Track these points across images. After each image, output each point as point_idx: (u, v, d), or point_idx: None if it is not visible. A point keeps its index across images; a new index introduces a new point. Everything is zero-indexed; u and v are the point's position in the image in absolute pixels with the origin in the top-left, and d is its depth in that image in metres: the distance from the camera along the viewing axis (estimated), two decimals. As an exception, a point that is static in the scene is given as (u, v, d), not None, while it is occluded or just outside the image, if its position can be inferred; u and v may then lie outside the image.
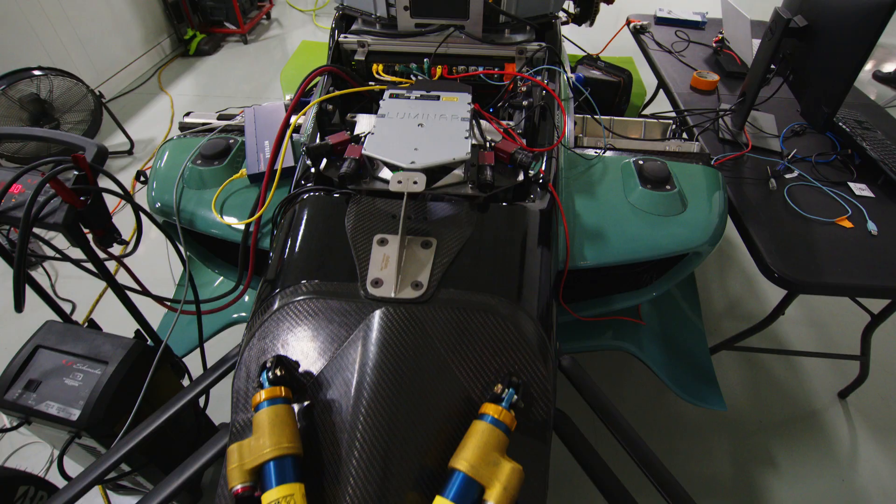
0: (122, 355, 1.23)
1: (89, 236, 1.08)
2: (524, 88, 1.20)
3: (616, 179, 1.22)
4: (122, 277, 2.21)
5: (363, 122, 1.17)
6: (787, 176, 1.54)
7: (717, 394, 1.45)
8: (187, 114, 1.49)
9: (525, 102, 1.16)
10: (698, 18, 2.56)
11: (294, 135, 1.25)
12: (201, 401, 1.49)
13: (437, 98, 1.08)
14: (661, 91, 2.25)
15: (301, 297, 0.80)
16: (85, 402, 1.17)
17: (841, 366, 1.99)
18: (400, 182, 0.84)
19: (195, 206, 1.19)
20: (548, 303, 0.89)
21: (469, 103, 1.07)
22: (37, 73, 2.67)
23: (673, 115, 1.89)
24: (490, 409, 0.69)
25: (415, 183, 0.84)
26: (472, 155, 0.99)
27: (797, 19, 1.48)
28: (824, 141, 1.70)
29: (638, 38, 2.48)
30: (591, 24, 2.69)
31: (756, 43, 2.25)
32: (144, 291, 1.24)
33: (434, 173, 0.95)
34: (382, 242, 0.85)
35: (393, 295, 0.77)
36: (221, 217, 1.14)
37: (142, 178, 1.31)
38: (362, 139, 1.03)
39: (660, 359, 1.50)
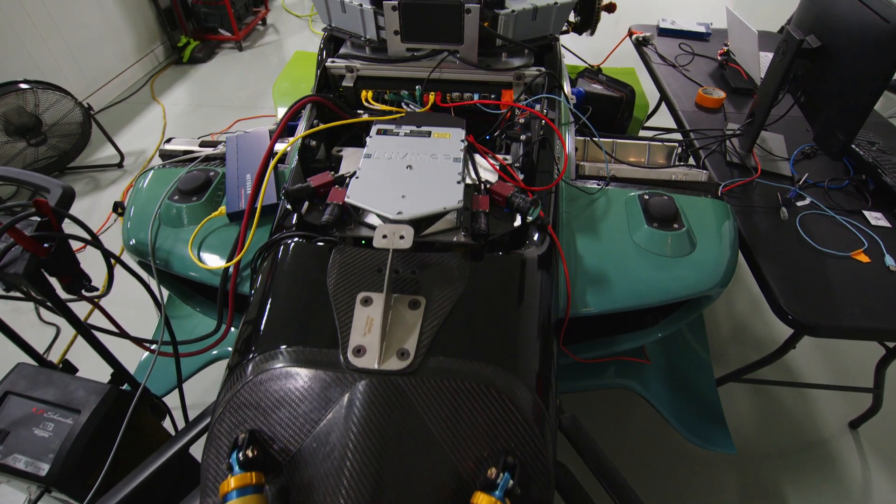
0: (95, 403, 1.15)
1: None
2: (522, 120, 1.13)
3: (620, 216, 1.15)
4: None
5: (350, 158, 1.09)
6: (799, 204, 1.47)
7: (725, 435, 1.38)
8: (168, 140, 1.41)
9: (523, 137, 1.08)
10: (702, 29, 2.49)
11: (280, 165, 1.18)
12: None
13: (429, 134, 1.01)
14: (663, 102, 2.17)
15: (277, 366, 0.73)
16: (55, 455, 1.10)
17: (852, 395, 1.91)
18: (385, 237, 0.77)
19: (172, 245, 1.12)
20: (547, 363, 0.82)
21: (462, 140, 1.00)
22: (23, 86, 2.59)
23: (678, 137, 1.81)
24: (483, 500, 0.62)
25: (401, 238, 0.77)
26: (465, 198, 0.92)
27: (810, 40, 1.41)
28: (836, 164, 1.63)
29: (640, 50, 2.40)
30: (592, 33, 2.62)
31: (763, 56, 2.18)
32: (120, 333, 1.17)
33: (424, 220, 0.88)
34: (366, 302, 0.78)
35: (376, 366, 0.70)
36: (199, 260, 1.07)
37: (119, 210, 1.24)
38: (347, 180, 0.96)
39: (665, 396, 1.43)
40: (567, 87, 1.59)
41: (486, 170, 1.06)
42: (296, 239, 0.91)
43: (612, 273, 1.05)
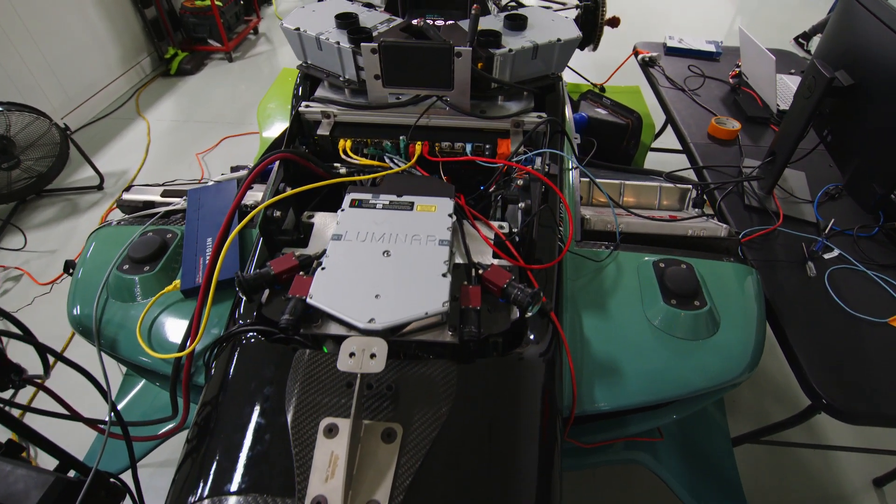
0: (37, 498, 1.02)
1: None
2: (521, 181, 0.99)
3: (632, 287, 1.01)
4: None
5: (322, 226, 0.94)
6: (827, 256, 1.33)
7: (744, 512, 1.25)
8: (128, 188, 1.27)
9: (522, 205, 0.94)
10: (712, 48, 2.34)
11: (250, 224, 1.04)
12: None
13: (411, 207, 0.87)
14: (673, 133, 2.03)
15: (218, 520, 0.60)
16: (-13, 564, 0.96)
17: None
18: (352, 356, 0.63)
19: (120, 323, 0.98)
20: (553, 493, 0.69)
21: (450, 215, 0.86)
22: (-7, 107, 2.45)
23: (689, 169, 1.68)
24: None
25: (372, 357, 0.63)
26: (453, 285, 0.78)
27: (841, 77, 1.27)
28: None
29: (647, 71, 2.26)
30: (595, 49, 2.48)
31: (780, 80, 2.04)
32: (69, 415, 1.04)
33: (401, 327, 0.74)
34: (331, 432, 0.64)
35: (338, 528, 0.57)
36: (148, 345, 0.93)
37: (70, 270, 1.10)
38: (314, 264, 0.82)
39: (678, 469, 1.29)
40: (568, 111, 1.45)
41: (479, 242, 0.92)
42: (252, 337, 0.77)
43: (624, 361, 0.91)
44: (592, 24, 2.38)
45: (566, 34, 1.14)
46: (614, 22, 2.49)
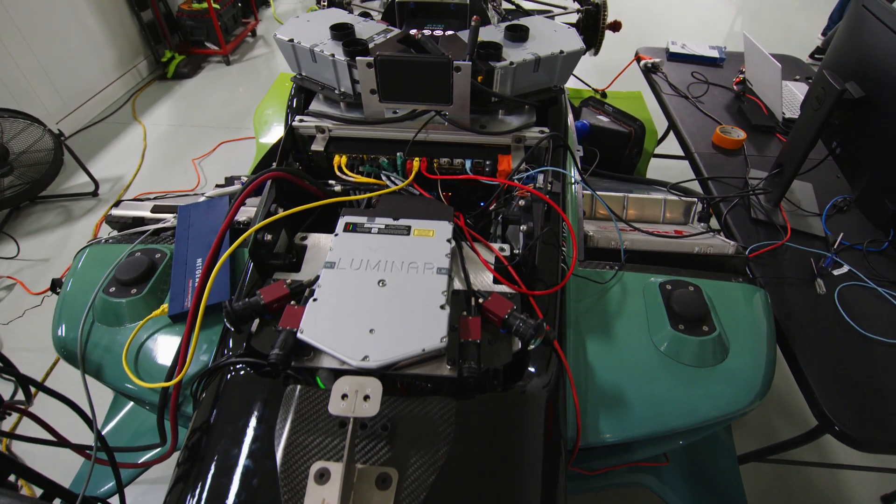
0: (20, 529, 0.98)
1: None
2: (522, 203, 0.96)
3: (638, 309, 0.97)
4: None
5: (315, 251, 0.90)
6: (836, 273, 1.29)
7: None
8: (117, 203, 1.24)
9: (524, 227, 0.91)
10: (715, 54, 2.31)
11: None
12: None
13: (408, 231, 0.83)
14: (677, 142, 1.99)
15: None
16: None
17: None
18: (345, 398, 0.59)
19: (106, 348, 0.94)
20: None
21: (448, 241, 0.82)
22: (-15, 114, 2.41)
23: (694, 184, 1.64)
24: None
25: (366, 399, 0.59)
26: (451, 315, 0.74)
27: (852, 88, 1.23)
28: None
29: (650, 77, 2.22)
30: (596, 53, 2.45)
31: (785, 87, 2.01)
32: (55, 441, 1.00)
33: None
34: (321, 478, 0.61)
35: (328, 587, 0.53)
36: (134, 374, 0.89)
37: (56, 289, 1.06)
38: (306, 292, 0.79)
39: (684, 492, 1.25)
40: (570, 119, 1.41)
41: (478, 265, 0.88)
42: (240, 369, 0.74)
43: (630, 390, 0.87)
44: (594, 28, 2.34)
45: (569, 46, 1.10)
46: (616, 26, 2.45)
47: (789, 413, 1.87)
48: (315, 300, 0.72)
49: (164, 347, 0.92)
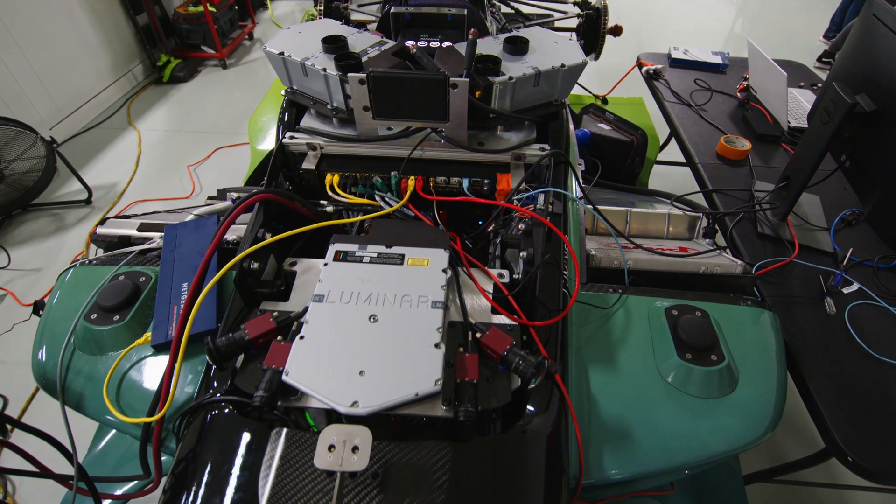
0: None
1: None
2: (521, 227, 0.92)
3: (643, 336, 0.93)
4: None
5: (305, 278, 0.86)
6: (846, 290, 1.25)
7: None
8: (103, 221, 1.20)
9: (524, 254, 0.86)
10: (718, 60, 2.27)
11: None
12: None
13: (401, 260, 0.79)
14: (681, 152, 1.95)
15: None
16: None
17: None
18: (332, 449, 0.55)
19: (87, 378, 0.90)
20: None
21: (444, 270, 0.78)
22: (-26, 121, 2.37)
23: (698, 196, 1.60)
24: None
25: (354, 451, 0.55)
26: (447, 350, 0.70)
27: (863, 101, 1.19)
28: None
29: (651, 84, 2.18)
30: (597, 58, 2.41)
31: (790, 94, 1.96)
32: (37, 472, 0.96)
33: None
34: (307, 534, 0.57)
35: None
36: (115, 406, 0.85)
37: (39, 312, 1.02)
38: (294, 326, 0.75)
39: (689, 516, 1.21)
40: (571, 128, 1.37)
41: (475, 294, 0.83)
42: (223, 408, 0.70)
43: (636, 424, 0.83)
44: (594, 33, 2.30)
45: (570, 59, 1.06)
46: (617, 31, 2.41)
47: (797, 431, 1.83)
48: (302, 337, 0.68)
49: (148, 378, 0.88)
